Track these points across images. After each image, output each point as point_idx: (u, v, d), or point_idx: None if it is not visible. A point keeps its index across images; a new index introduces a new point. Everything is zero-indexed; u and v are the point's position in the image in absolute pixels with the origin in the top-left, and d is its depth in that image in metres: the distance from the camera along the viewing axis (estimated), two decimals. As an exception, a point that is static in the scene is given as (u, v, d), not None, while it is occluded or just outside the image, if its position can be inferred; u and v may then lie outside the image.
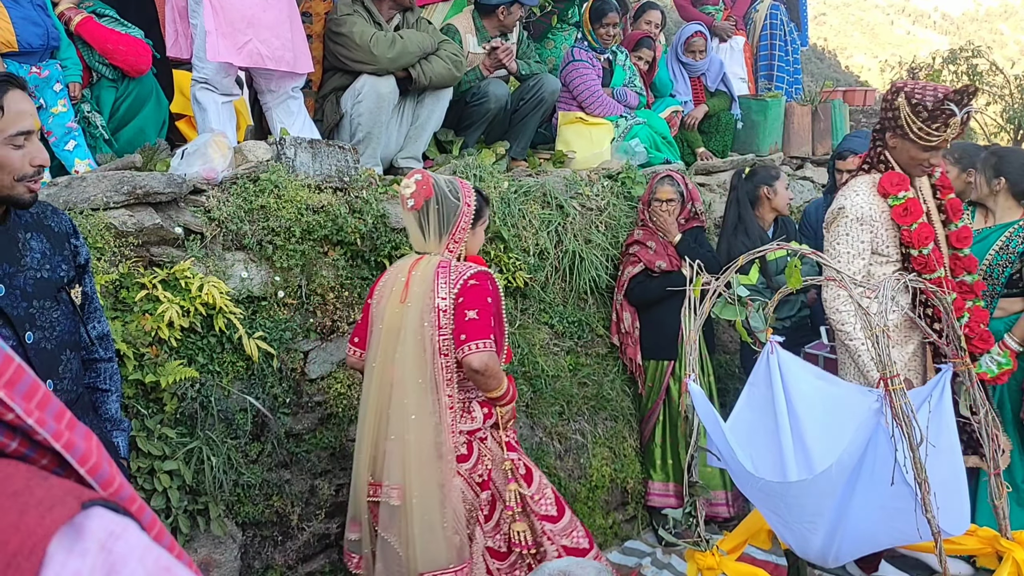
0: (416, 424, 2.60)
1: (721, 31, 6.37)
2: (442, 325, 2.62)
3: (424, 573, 2.56)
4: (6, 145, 1.70)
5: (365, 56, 3.88)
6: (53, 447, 0.52)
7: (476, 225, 2.84)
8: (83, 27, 3.31)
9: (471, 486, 2.70)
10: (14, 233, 1.83)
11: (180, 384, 2.74)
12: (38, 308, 1.83)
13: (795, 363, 2.94)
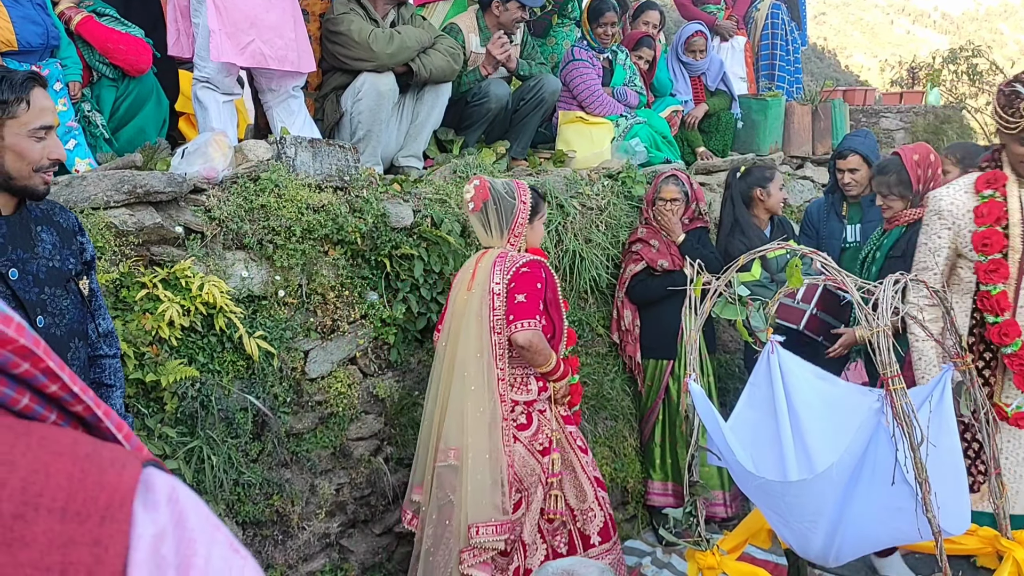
0: (474, 394, 2.97)
1: (724, 30, 6.37)
2: (495, 307, 3.00)
3: (472, 524, 2.88)
4: (30, 137, 1.83)
5: (364, 53, 3.88)
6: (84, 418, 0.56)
7: (533, 220, 3.22)
8: (83, 26, 3.31)
9: (532, 452, 3.04)
10: (27, 223, 1.93)
11: (180, 383, 2.74)
12: (49, 295, 1.92)
13: (795, 363, 2.94)
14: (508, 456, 2.94)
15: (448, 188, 3.77)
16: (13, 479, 0.46)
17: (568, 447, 3.18)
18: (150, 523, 0.49)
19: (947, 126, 9.80)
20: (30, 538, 0.44)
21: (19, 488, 0.46)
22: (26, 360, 0.52)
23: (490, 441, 2.94)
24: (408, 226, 3.50)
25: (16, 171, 1.84)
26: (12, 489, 0.46)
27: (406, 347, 3.56)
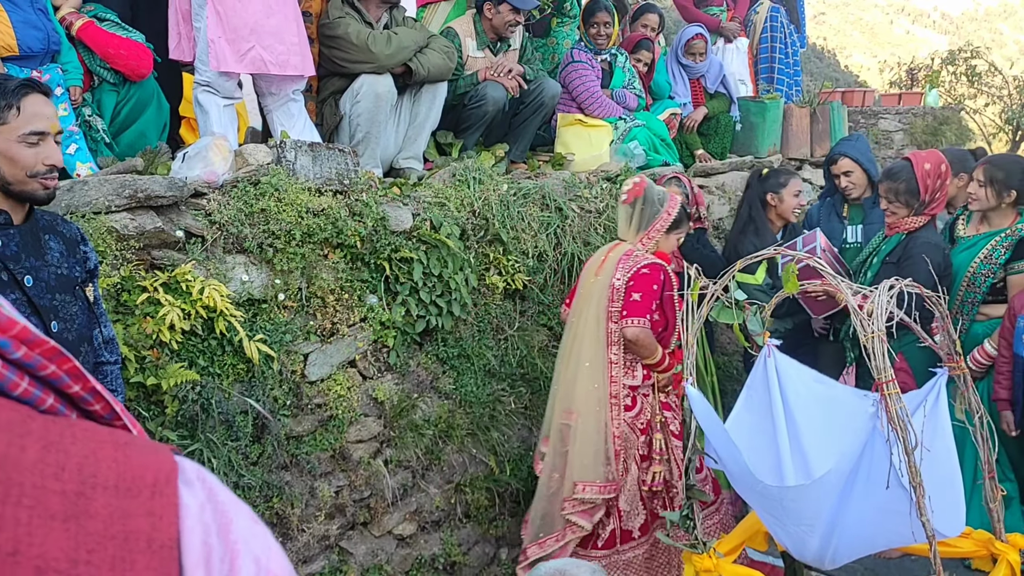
0: (588, 371, 3.39)
1: (728, 32, 6.38)
2: (613, 299, 3.37)
3: (577, 482, 3.32)
4: (20, 143, 1.87)
5: (364, 55, 3.90)
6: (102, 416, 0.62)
7: (671, 232, 3.52)
8: (84, 31, 3.32)
9: (633, 430, 3.40)
10: (36, 232, 1.98)
11: (181, 387, 2.75)
12: (60, 301, 1.97)
13: (792, 366, 2.96)
14: (614, 430, 3.35)
15: (447, 191, 3.79)
16: (70, 463, 0.52)
17: (664, 431, 3.49)
18: (191, 495, 0.56)
19: (945, 127, 9.83)
20: (93, 511, 0.51)
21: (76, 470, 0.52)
22: (52, 362, 0.57)
23: (598, 415, 3.36)
24: (407, 229, 3.52)
25: (11, 176, 1.88)
26: (71, 471, 0.52)
27: (405, 350, 3.57)
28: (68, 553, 0.49)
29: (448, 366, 3.72)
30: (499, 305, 3.94)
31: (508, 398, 3.93)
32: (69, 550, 0.49)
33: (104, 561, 0.50)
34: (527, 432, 4.00)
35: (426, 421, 3.59)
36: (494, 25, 4.58)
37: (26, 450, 0.51)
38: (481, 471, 3.78)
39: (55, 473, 0.51)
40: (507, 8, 4.53)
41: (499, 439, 3.85)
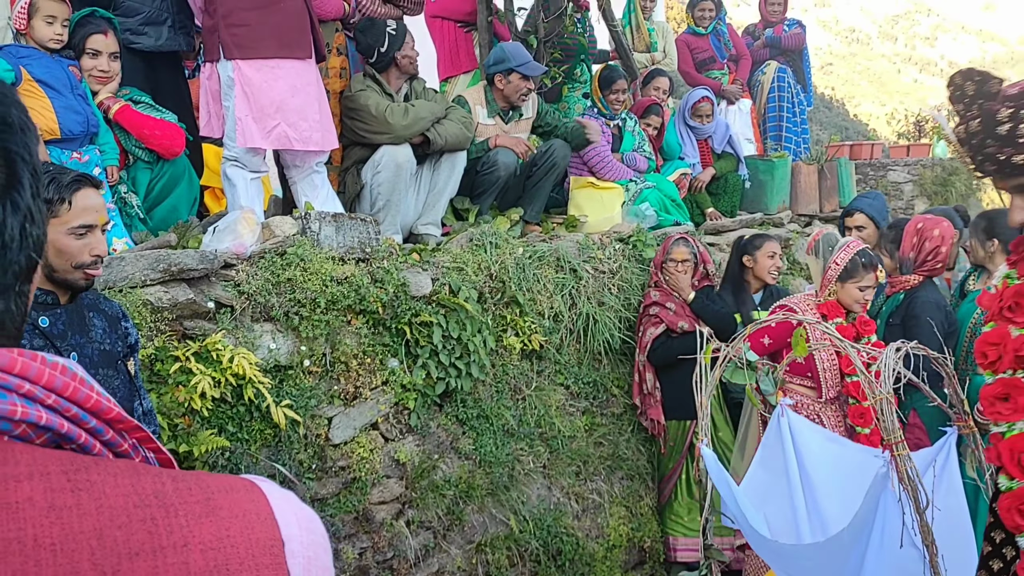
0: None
1: (729, 94, 6.58)
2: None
3: None
4: (69, 235, 1.96)
5: (382, 126, 4.06)
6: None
7: (845, 281, 3.53)
8: (121, 114, 3.51)
9: None
10: (81, 310, 2.10)
11: (211, 453, 2.85)
12: (103, 376, 2.07)
13: (805, 425, 3.02)
14: None
15: (465, 256, 3.91)
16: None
17: None
18: (288, 504, 0.65)
19: (955, 178, 9.91)
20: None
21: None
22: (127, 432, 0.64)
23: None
24: (427, 294, 3.63)
25: (57, 265, 1.98)
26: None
27: (426, 411, 3.66)
28: None
29: (467, 427, 3.80)
30: (516, 366, 4.03)
31: (527, 457, 3.99)
32: None
33: None
34: (546, 491, 4.05)
35: (447, 482, 3.66)
36: (506, 94, 4.73)
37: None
38: (502, 531, 3.83)
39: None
40: (517, 77, 4.68)
41: (519, 499, 3.90)
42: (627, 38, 6.42)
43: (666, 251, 4.40)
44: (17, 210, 0.59)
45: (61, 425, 0.59)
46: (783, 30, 7.04)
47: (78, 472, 0.58)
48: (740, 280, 4.58)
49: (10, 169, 0.59)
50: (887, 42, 64.52)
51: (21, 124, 0.61)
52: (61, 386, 0.59)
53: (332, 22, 4.19)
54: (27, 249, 0.60)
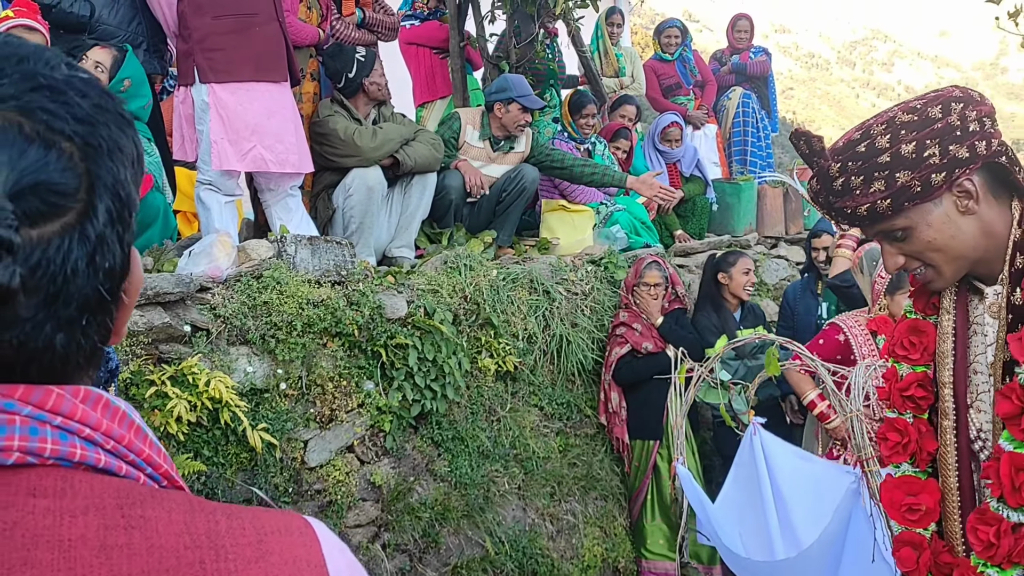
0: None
1: (695, 120, 6.71)
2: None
3: None
4: None
5: (350, 149, 4.09)
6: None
7: (893, 293, 3.53)
8: None
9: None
10: None
11: (187, 477, 2.83)
12: None
13: (776, 443, 3.08)
14: None
15: (439, 278, 3.94)
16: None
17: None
18: (335, 545, 0.66)
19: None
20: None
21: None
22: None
23: None
24: (402, 316, 3.65)
25: None
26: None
27: (401, 434, 3.66)
28: None
29: (443, 449, 3.81)
30: (491, 387, 4.05)
31: (502, 479, 4.01)
32: None
33: None
34: (521, 512, 4.06)
35: (422, 504, 3.66)
36: (504, 123, 4.75)
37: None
38: (477, 553, 3.83)
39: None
40: (517, 107, 4.72)
41: (494, 520, 3.91)
42: (596, 63, 6.53)
43: (638, 274, 4.46)
44: (86, 240, 0.56)
45: (120, 468, 0.59)
46: (749, 57, 7.21)
47: (133, 507, 0.57)
48: (718, 299, 4.65)
49: (88, 195, 0.57)
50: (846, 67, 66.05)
51: (111, 146, 0.59)
52: (118, 436, 0.59)
53: (306, 48, 4.22)
54: (95, 280, 0.58)
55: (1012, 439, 1.35)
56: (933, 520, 1.57)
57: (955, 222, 1.42)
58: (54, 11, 3.69)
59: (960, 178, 1.39)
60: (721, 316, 4.54)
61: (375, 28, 4.75)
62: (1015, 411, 1.35)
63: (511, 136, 4.84)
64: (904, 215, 1.41)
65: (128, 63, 3.50)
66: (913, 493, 1.56)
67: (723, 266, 4.67)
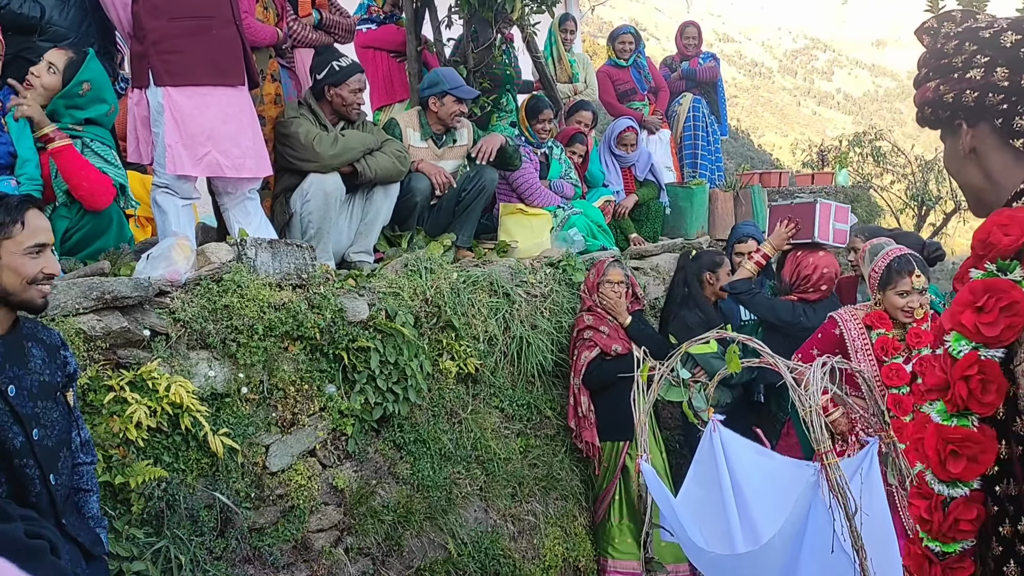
0: None
1: (650, 125, 6.81)
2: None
3: None
4: (25, 255, 1.97)
5: (309, 154, 4.06)
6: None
7: (884, 289, 3.52)
8: (58, 153, 3.32)
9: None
10: (20, 340, 2.03)
11: (147, 484, 2.78)
12: (42, 408, 2.01)
13: (735, 440, 3.15)
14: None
15: (400, 281, 3.93)
16: None
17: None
18: None
19: (856, 204, 10.45)
20: None
21: None
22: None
23: None
24: (364, 319, 3.64)
25: (12, 286, 1.95)
26: None
27: (363, 437, 3.65)
28: None
29: (405, 451, 3.80)
30: (452, 389, 4.06)
31: (464, 481, 4.01)
32: None
33: None
34: (483, 514, 4.08)
35: (385, 507, 3.65)
36: (440, 117, 4.79)
37: None
38: (440, 555, 3.83)
39: None
40: (450, 99, 4.75)
41: (456, 522, 3.92)
42: (550, 69, 6.59)
43: (601, 273, 4.49)
44: None
45: None
46: (698, 63, 7.35)
47: None
48: (702, 298, 4.70)
49: None
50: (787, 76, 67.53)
51: None
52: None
53: (265, 48, 4.18)
54: None
55: (943, 411, 1.32)
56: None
57: (959, 159, 1.43)
58: (3, 12, 3.61)
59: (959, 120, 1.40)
60: (705, 312, 4.59)
61: (332, 30, 4.73)
62: (942, 383, 1.32)
63: (451, 129, 4.86)
64: (946, 126, 1.43)
65: (88, 66, 3.41)
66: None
67: (711, 266, 4.74)
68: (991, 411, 1.26)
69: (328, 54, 4.35)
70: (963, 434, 1.28)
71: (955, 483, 1.29)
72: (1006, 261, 1.25)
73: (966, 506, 1.29)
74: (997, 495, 1.29)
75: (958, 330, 1.29)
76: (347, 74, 4.19)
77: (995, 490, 1.29)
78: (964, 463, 1.28)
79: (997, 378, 1.25)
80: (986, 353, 1.25)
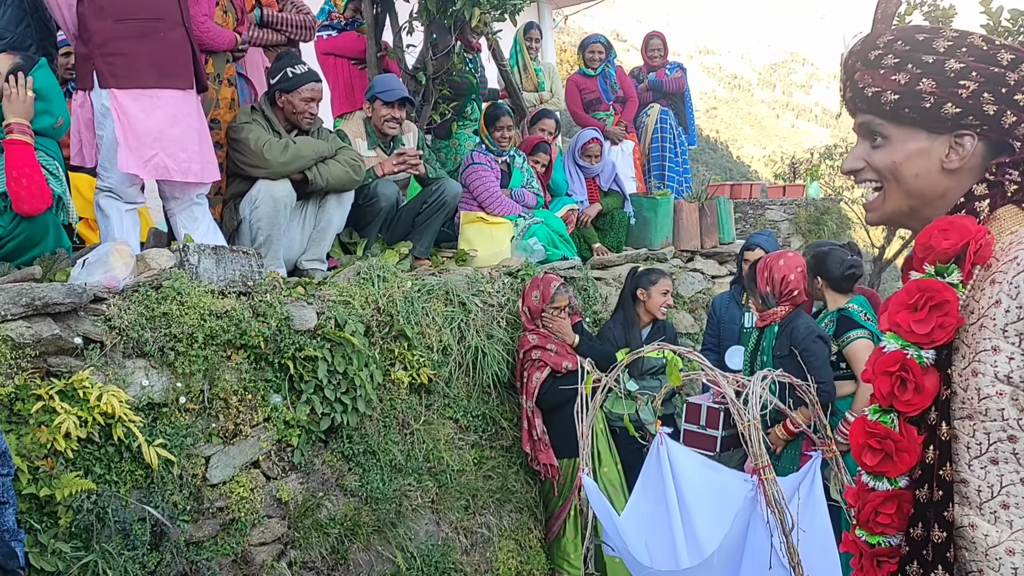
0: None
1: (613, 135, 6.80)
2: None
3: None
4: None
5: (259, 161, 3.98)
6: None
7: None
8: (12, 146, 3.19)
9: None
10: None
11: (76, 496, 2.70)
12: None
13: (682, 452, 3.12)
14: None
15: (352, 290, 3.87)
16: None
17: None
18: None
19: (827, 217, 10.51)
20: None
21: None
22: None
23: None
24: (312, 328, 3.57)
25: None
26: None
27: (310, 448, 3.58)
28: None
29: (354, 463, 3.74)
30: (404, 400, 4.00)
31: (415, 493, 3.95)
32: None
33: None
34: (434, 526, 4.02)
35: (331, 520, 3.58)
36: (373, 123, 4.75)
37: None
38: (388, 569, 3.76)
39: None
40: (379, 104, 4.70)
41: (406, 535, 3.85)
42: (516, 77, 6.56)
43: (547, 299, 4.40)
44: None
45: None
46: (665, 74, 7.35)
47: None
48: (632, 313, 4.69)
49: None
50: (766, 89, 68.10)
51: None
52: None
53: (223, 53, 4.11)
54: None
55: (876, 407, 1.32)
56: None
57: (929, 165, 1.31)
58: (-66, 11, 3.53)
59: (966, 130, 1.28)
60: (628, 331, 4.59)
61: (280, 27, 4.64)
62: (869, 379, 1.33)
63: (392, 136, 4.82)
64: (896, 124, 1.32)
65: (36, 73, 3.30)
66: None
67: (643, 282, 4.72)
68: (912, 410, 1.27)
69: (286, 59, 4.29)
70: (881, 430, 1.29)
71: (880, 476, 1.30)
72: (944, 264, 1.25)
73: (887, 500, 1.30)
74: (918, 499, 1.28)
75: (893, 329, 1.30)
76: (299, 82, 4.11)
77: (915, 494, 1.28)
78: (880, 458, 1.29)
79: (918, 377, 1.25)
80: (916, 353, 1.25)
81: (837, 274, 3.91)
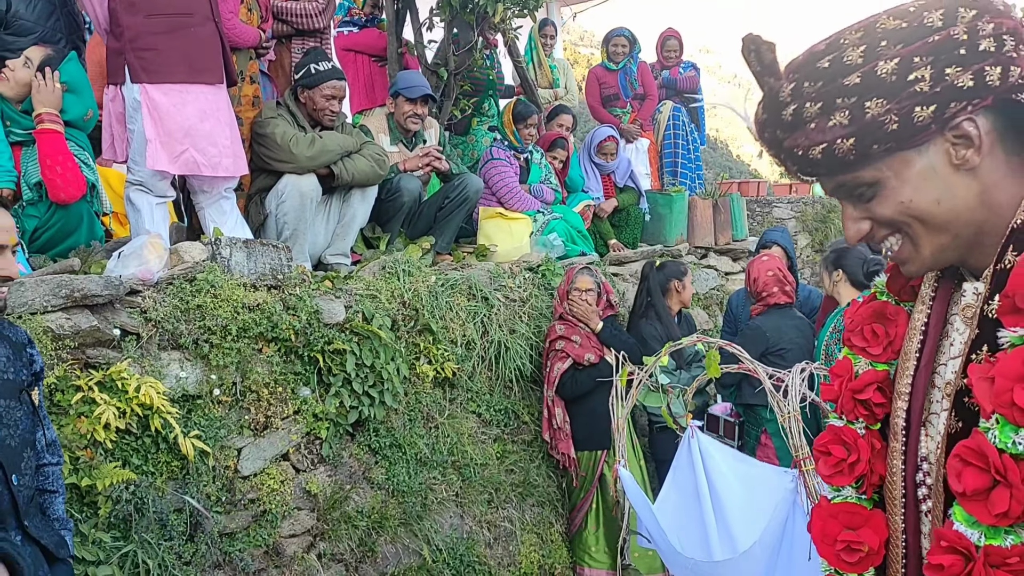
0: None
1: (628, 133, 6.81)
2: None
3: None
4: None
5: (285, 155, 4.00)
6: None
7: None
8: (43, 136, 3.24)
9: None
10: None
11: (115, 487, 2.72)
12: (4, 407, 1.92)
13: (713, 446, 3.14)
14: None
15: (378, 284, 3.89)
16: None
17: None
18: None
19: (833, 214, 10.54)
20: None
21: None
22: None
23: None
24: (340, 322, 3.59)
25: None
26: None
27: (338, 441, 3.60)
28: None
29: (380, 456, 3.75)
30: (429, 393, 4.01)
31: (439, 486, 3.97)
32: None
33: None
34: (458, 520, 4.03)
35: (359, 512, 3.60)
36: (396, 119, 4.77)
37: None
38: (415, 561, 3.78)
39: None
40: (402, 100, 4.72)
41: (431, 528, 3.87)
42: (531, 74, 6.58)
43: (571, 281, 4.47)
44: None
45: None
46: (679, 72, 7.36)
47: None
48: (663, 308, 4.71)
49: None
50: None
51: None
52: None
53: (247, 50, 4.13)
54: None
55: (974, 521, 0.96)
56: (874, 565, 1.18)
57: (944, 180, 1.02)
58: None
59: (958, 117, 1.00)
60: (665, 324, 4.60)
61: (283, 17, 4.67)
62: (986, 485, 0.94)
63: (415, 132, 4.84)
64: (872, 164, 1.03)
65: (66, 66, 3.33)
66: (854, 527, 1.19)
67: (677, 275, 4.76)
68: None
69: (312, 55, 4.31)
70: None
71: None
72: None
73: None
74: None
75: (1005, 413, 0.97)
76: (321, 79, 4.13)
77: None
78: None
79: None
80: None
81: (859, 271, 3.94)
